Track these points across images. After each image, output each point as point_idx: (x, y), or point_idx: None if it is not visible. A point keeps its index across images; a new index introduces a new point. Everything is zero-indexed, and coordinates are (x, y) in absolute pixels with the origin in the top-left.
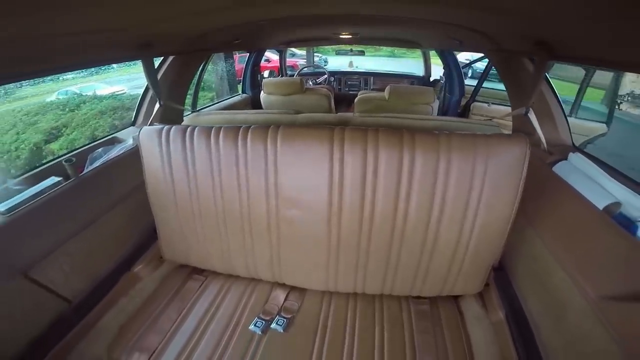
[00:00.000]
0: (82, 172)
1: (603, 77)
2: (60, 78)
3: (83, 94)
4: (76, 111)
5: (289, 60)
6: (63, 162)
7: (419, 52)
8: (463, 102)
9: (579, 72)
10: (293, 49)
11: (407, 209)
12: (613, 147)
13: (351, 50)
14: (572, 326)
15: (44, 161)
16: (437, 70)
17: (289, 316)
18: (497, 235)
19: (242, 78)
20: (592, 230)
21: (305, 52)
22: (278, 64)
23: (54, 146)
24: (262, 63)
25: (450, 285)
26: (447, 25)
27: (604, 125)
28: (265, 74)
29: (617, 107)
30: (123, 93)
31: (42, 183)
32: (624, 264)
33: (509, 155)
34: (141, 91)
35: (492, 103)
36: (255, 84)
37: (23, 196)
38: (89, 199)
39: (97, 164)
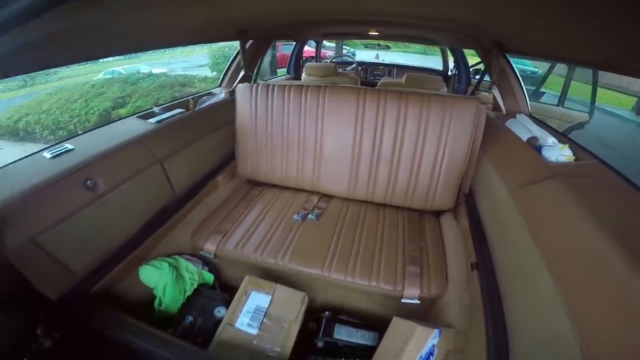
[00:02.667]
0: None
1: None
2: (101, 60)
3: (141, 72)
4: (137, 85)
5: None
6: (190, 99)
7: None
8: (470, 91)
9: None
10: (323, 42)
11: (402, 138)
12: None
13: (379, 45)
14: (502, 217)
15: (172, 100)
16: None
17: (320, 211)
18: (460, 162)
19: (287, 63)
20: (517, 153)
21: (334, 44)
22: (307, 54)
23: (122, 111)
24: (288, 53)
25: (431, 201)
26: (449, 30)
27: (587, 114)
28: None
29: None
30: (165, 73)
31: (173, 111)
32: (530, 169)
33: (466, 109)
34: (177, 73)
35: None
36: (298, 67)
37: (162, 117)
38: (196, 126)
39: (202, 105)
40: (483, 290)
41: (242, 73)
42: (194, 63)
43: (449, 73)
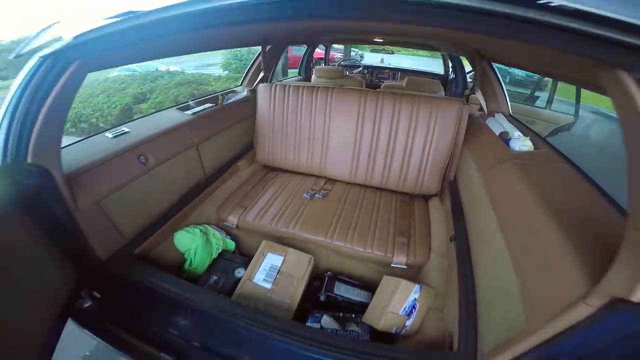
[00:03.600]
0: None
1: None
2: None
3: (158, 69)
4: (156, 82)
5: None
6: (219, 95)
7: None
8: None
9: None
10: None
11: (396, 133)
12: None
13: (384, 49)
14: (474, 193)
15: (204, 96)
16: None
17: (326, 192)
18: (444, 153)
19: (299, 65)
20: (490, 144)
21: (342, 47)
22: (316, 56)
23: (143, 106)
24: (298, 54)
25: (420, 186)
26: (441, 40)
27: (572, 117)
28: None
29: None
30: (182, 72)
31: (204, 105)
32: (498, 156)
33: (450, 109)
34: (192, 71)
35: None
36: (309, 69)
37: (196, 109)
38: (222, 119)
39: (228, 101)
40: (458, 257)
41: (261, 74)
42: (204, 62)
43: (450, 78)
